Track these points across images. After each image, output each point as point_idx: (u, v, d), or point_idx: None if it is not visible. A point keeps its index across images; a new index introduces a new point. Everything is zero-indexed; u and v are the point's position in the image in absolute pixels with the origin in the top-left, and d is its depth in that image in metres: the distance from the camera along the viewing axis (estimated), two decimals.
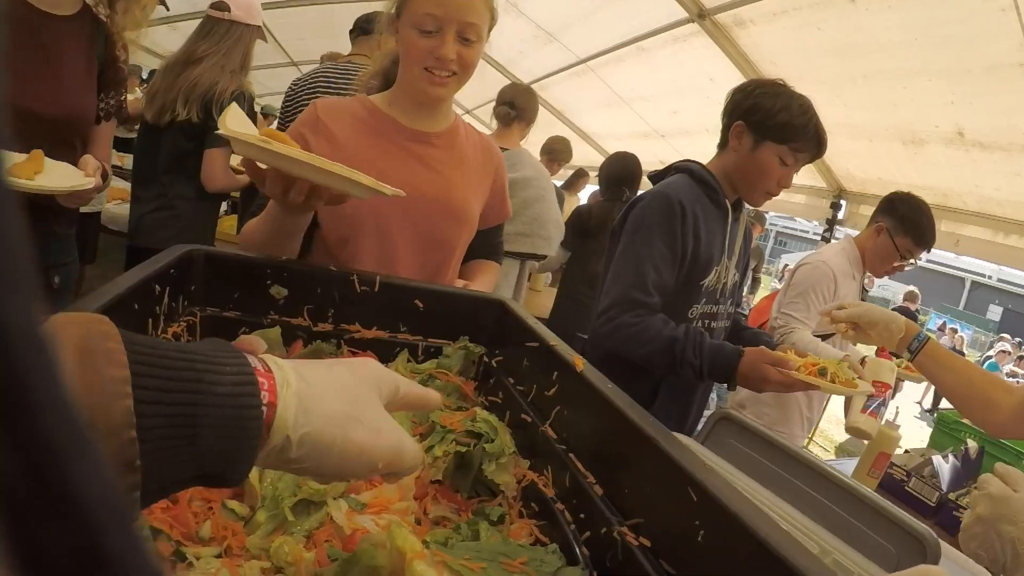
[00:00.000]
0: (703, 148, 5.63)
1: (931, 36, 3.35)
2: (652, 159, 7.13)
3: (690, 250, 2.03)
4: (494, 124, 3.61)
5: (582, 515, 0.90)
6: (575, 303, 4.19)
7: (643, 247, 1.97)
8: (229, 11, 2.91)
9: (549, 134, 5.54)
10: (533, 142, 4.55)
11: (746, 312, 5.18)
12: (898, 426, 2.69)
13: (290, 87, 3.21)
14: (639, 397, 1.85)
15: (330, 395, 0.56)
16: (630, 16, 5.10)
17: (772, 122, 1.99)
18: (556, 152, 5.19)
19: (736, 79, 4.71)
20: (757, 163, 2.05)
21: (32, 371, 0.16)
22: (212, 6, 2.95)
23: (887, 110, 4.02)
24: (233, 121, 1.10)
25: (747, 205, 2.30)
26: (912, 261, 2.98)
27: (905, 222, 2.89)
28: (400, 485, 0.96)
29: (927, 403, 12.77)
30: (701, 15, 4.45)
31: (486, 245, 1.82)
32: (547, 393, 1.08)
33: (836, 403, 2.83)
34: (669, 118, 6.13)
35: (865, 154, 4.52)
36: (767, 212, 6.61)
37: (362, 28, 3.34)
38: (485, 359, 1.32)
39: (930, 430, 4.79)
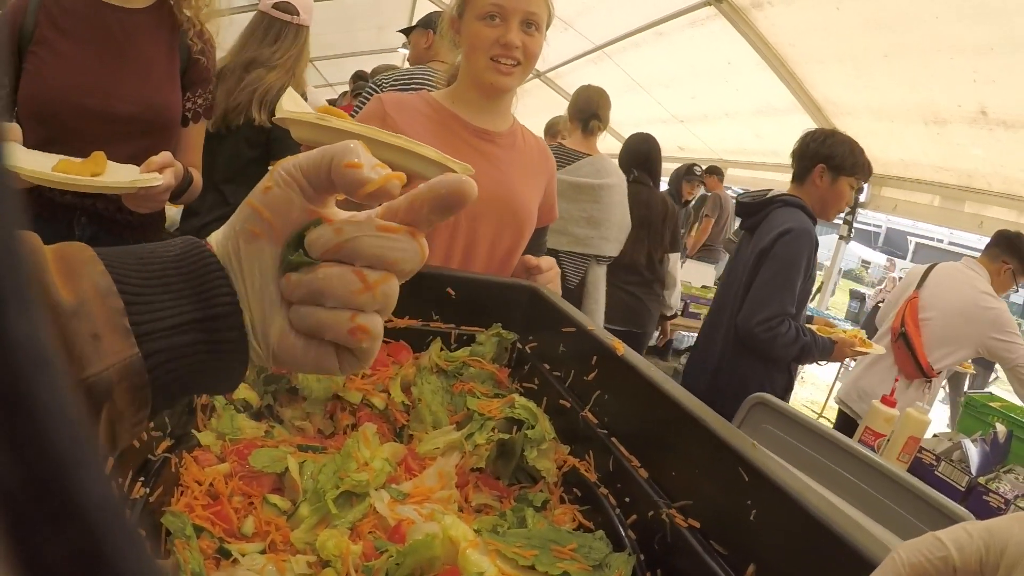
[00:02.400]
0: (721, 132, 5.58)
1: (951, 13, 3.31)
2: (671, 145, 7.09)
3: (812, 268, 2.80)
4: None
5: (627, 499, 0.89)
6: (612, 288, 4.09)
7: (795, 272, 2.71)
8: (298, 15, 2.74)
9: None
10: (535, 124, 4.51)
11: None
12: (927, 410, 2.67)
13: (384, 84, 3.02)
14: (784, 379, 2.67)
15: None
16: (646, 1, 5.07)
17: (847, 163, 2.77)
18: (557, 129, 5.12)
19: (755, 62, 4.67)
20: (836, 192, 2.82)
21: (39, 387, 0.16)
22: (277, 7, 2.73)
23: (908, 89, 3.97)
24: (289, 104, 1.08)
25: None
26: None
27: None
28: (442, 473, 0.96)
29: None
30: None
31: (533, 245, 1.82)
32: (586, 378, 1.07)
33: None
34: (688, 103, 6.09)
35: (887, 135, 4.47)
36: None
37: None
38: (518, 345, 1.31)
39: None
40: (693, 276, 5.38)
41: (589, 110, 3.53)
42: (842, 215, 5.20)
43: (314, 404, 1.09)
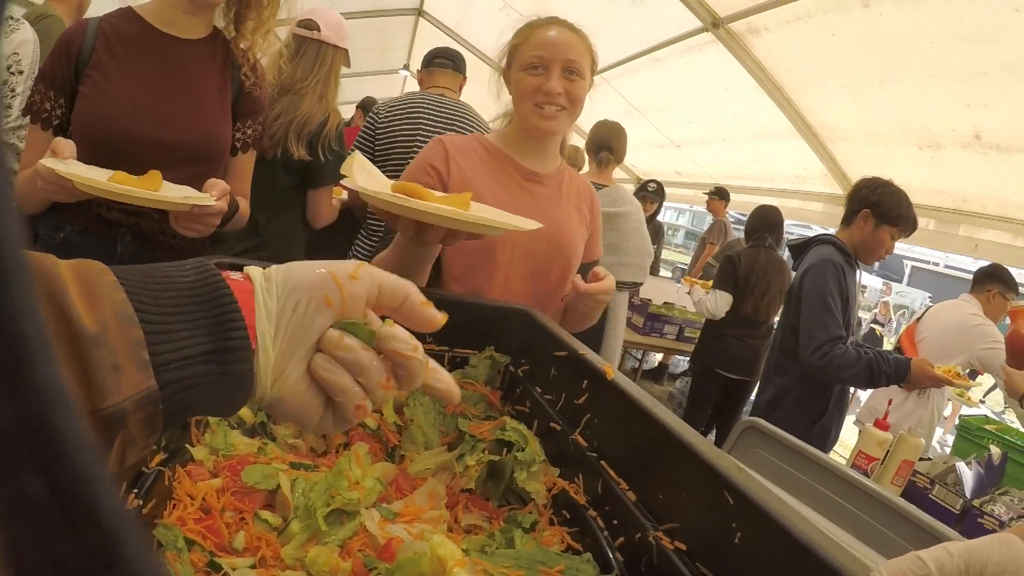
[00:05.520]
0: (718, 157, 5.60)
1: (945, 38, 3.34)
2: (668, 170, 7.12)
3: (846, 293, 2.94)
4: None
5: (615, 521, 0.90)
6: (719, 341, 4.63)
7: (828, 299, 2.87)
8: (319, 30, 2.67)
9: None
10: None
11: None
12: (920, 434, 2.68)
13: (381, 111, 3.11)
14: (821, 405, 2.78)
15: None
16: (644, 27, 5.11)
17: (891, 214, 2.94)
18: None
19: (751, 87, 4.70)
20: (876, 239, 2.99)
21: (61, 419, 0.19)
22: (300, 24, 2.68)
23: (903, 114, 4.00)
24: (361, 174, 1.19)
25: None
26: None
27: (1013, 287, 4.01)
28: (432, 493, 0.97)
29: (946, 411, 12.63)
30: (715, 24, 4.45)
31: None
32: (577, 402, 1.08)
33: None
34: (684, 128, 6.12)
35: (882, 159, 4.49)
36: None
37: (453, 64, 3.26)
38: (511, 368, 1.32)
39: (952, 437, 4.77)
40: (688, 302, 5.40)
41: (602, 143, 3.78)
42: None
43: None
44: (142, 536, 0.20)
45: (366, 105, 6.53)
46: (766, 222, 4.63)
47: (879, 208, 2.96)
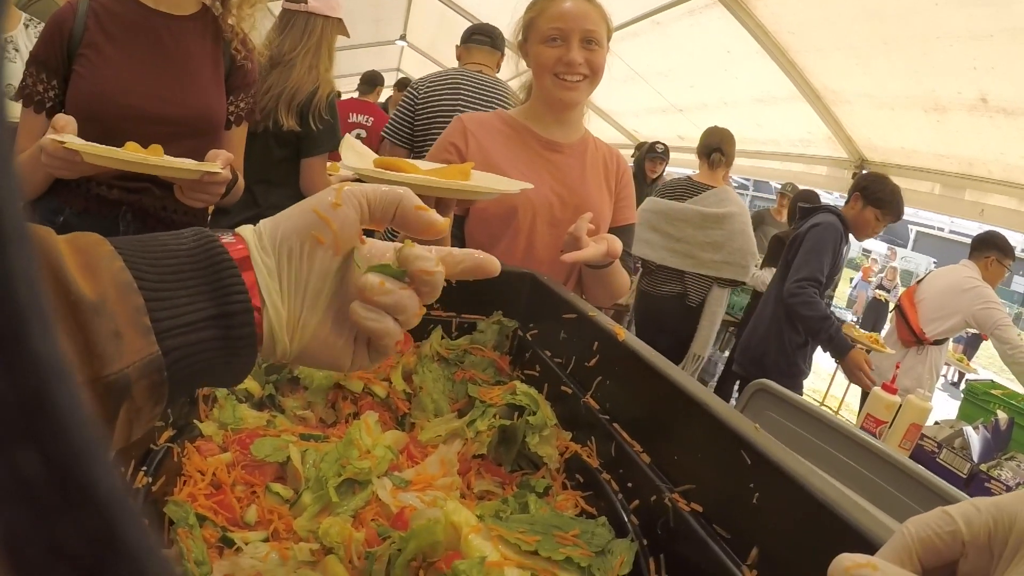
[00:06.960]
0: (721, 121, 5.57)
1: (951, 0, 3.30)
2: (671, 134, 7.06)
3: (838, 258, 3.52)
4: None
5: (629, 484, 0.89)
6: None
7: (824, 251, 3.44)
8: (306, 2, 2.66)
9: None
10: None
11: None
12: (929, 397, 2.68)
13: (420, 87, 3.16)
14: (799, 338, 3.65)
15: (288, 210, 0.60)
16: None
17: (875, 196, 3.48)
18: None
19: (754, 51, 4.65)
20: (863, 218, 3.52)
21: (58, 393, 0.18)
22: None
23: (908, 77, 3.95)
24: (349, 154, 1.26)
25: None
26: None
27: (1010, 253, 4.34)
28: (443, 460, 0.96)
29: (952, 376, 12.66)
30: None
31: None
32: (587, 364, 1.07)
33: None
34: (687, 92, 6.07)
35: (887, 123, 4.45)
36: (786, 186, 6.46)
37: (491, 41, 3.32)
38: (519, 332, 1.31)
39: (957, 402, 4.79)
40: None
41: (712, 145, 4.07)
42: (841, 204, 5.26)
43: (316, 393, 1.10)
44: (143, 517, 0.19)
45: (402, 83, 6.60)
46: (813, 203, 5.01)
47: (867, 191, 3.51)
